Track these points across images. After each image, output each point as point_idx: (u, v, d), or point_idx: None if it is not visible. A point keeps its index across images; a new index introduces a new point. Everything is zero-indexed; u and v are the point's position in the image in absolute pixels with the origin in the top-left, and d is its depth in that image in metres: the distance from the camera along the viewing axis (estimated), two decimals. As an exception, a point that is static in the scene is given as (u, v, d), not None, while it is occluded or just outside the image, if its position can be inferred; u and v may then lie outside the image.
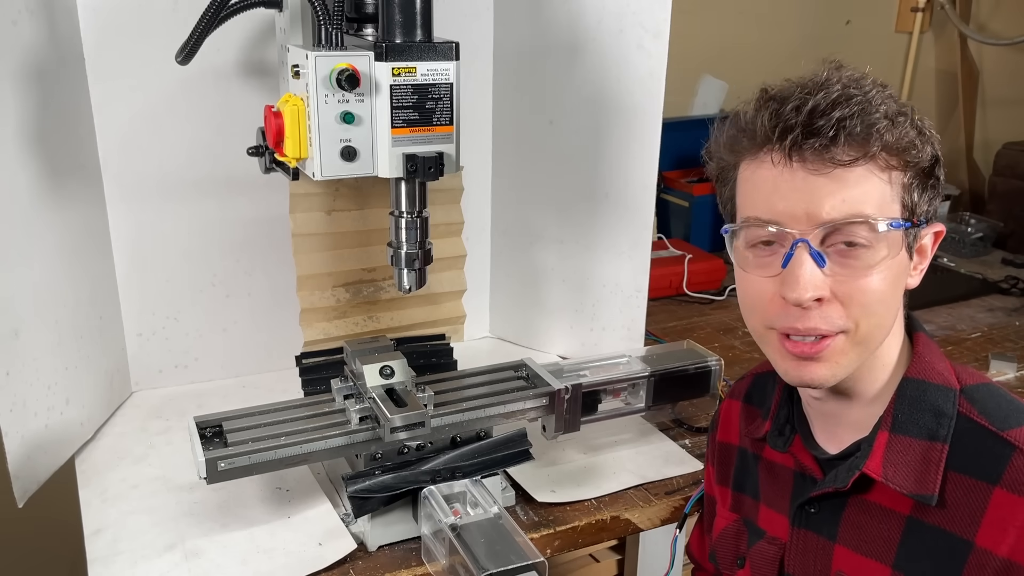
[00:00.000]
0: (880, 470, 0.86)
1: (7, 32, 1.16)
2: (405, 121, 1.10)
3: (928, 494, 0.83)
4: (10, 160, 1.19)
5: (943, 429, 0.85)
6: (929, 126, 0.86)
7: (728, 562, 1.05)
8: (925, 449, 0.85)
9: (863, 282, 0.83)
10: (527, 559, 1.01)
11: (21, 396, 1.22)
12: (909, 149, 0.83)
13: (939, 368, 0.89)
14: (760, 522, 1.01)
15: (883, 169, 0.82)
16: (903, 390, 0.88)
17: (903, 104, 0.85)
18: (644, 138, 1.48)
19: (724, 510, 1.08)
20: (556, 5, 1.49)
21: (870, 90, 0.83)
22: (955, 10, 2.77)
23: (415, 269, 1.21)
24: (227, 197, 1.49)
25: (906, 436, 0.86)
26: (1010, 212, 2.55)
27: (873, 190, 0.82)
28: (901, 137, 0.82)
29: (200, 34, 1.15)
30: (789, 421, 0.99)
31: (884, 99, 0.83)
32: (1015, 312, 2.03)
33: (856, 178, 0.81)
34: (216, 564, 1.12)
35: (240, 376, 1.60)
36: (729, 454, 1.09)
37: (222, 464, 1.09)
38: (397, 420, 1.10)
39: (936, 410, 0.86)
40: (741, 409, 1.08)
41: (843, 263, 0.83)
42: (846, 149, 0.81)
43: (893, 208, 0.83)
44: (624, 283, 1.59)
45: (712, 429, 1.14)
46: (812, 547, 0.93)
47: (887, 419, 0.88)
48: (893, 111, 0.83)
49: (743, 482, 1.05)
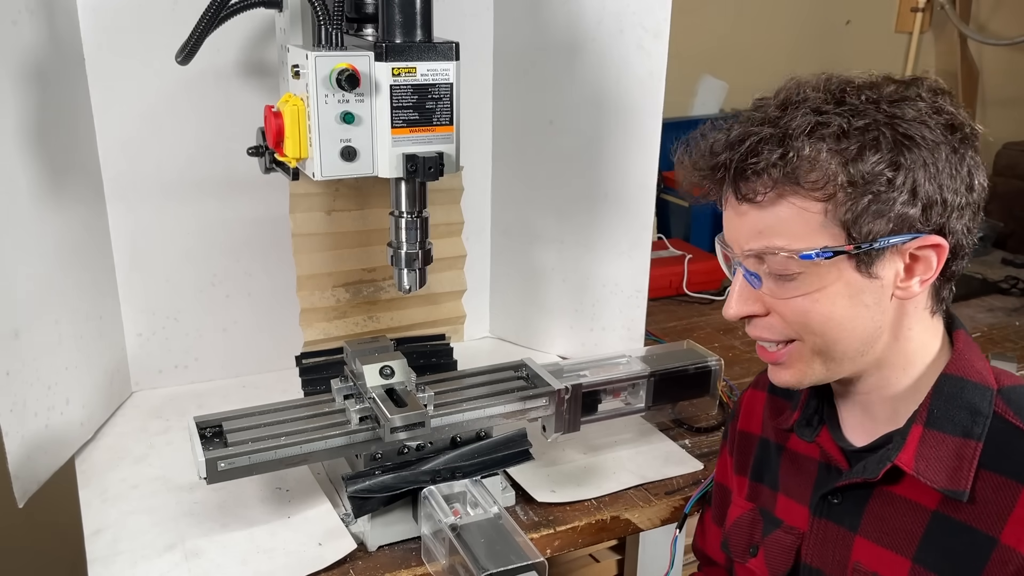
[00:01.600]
0: (912, 463, 0.87)
1: (7, 32, 1.16)
2: (405, 121, 1.10)
3: (960, 490, 0.84)
4: (10, 160, 1.19)
5: (978, 427, 0.86)
6: (900, 129, 0.81)
7: (741, 550, 1.06)
8: (959, 446, 0.86)
9: (796, 304, 0.87)
10: (527, 559, 1.01)
11: (21, 396, 1.22)
12: (829, 180, 0.82)
13: (978, 367, 0.90)
14: (777, 512, 1.02)
15: (805, 200, 0.83)
16: (940, 386, 0.89)
17: (879, 115, 0.82)
18: (644, 138, 1.48)
19: (740, 499, 1.09)
20: (556, 5, 1.49)
21: (794, 118, 0.83)
22: (955, 10, 2.77)
23: (415, 269, 1.21)
24: (227, 197, 1.49)
25: (940, 432, 0.87)
26: (1010, 212, 2.55)
27: (791, 221, 0.84)
28: (814, 168, 0.82)
29: (200, 34, 1.15)
30: (818, 412, 1.00)
31: (811, 122, 0.82)
32: (1015, 312, 2.03)
33: (774, 210, 0.85)
34: (216, 564, 1.12)
35: (240, 376, 1.60)
36: (749, 443, 1.09)
37: (222, 464, 1.09)
38: (397, 420, 1.10)
39: (972, 408, 0.87)
40: (766, 400, 1.09)
41: (778, 284, 0.88)
42: (757, 187, 0.85)
43: (823, 236, 0.83)
44: (624, 283, 1.59)
45: (732, 418, 1.15)
46: (832, 537, 0.94)
47: (922, 413, 0.89)
48: (817, 136, 0.82)
49: (762, 472, 1.06)
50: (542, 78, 1.56)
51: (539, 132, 1.59)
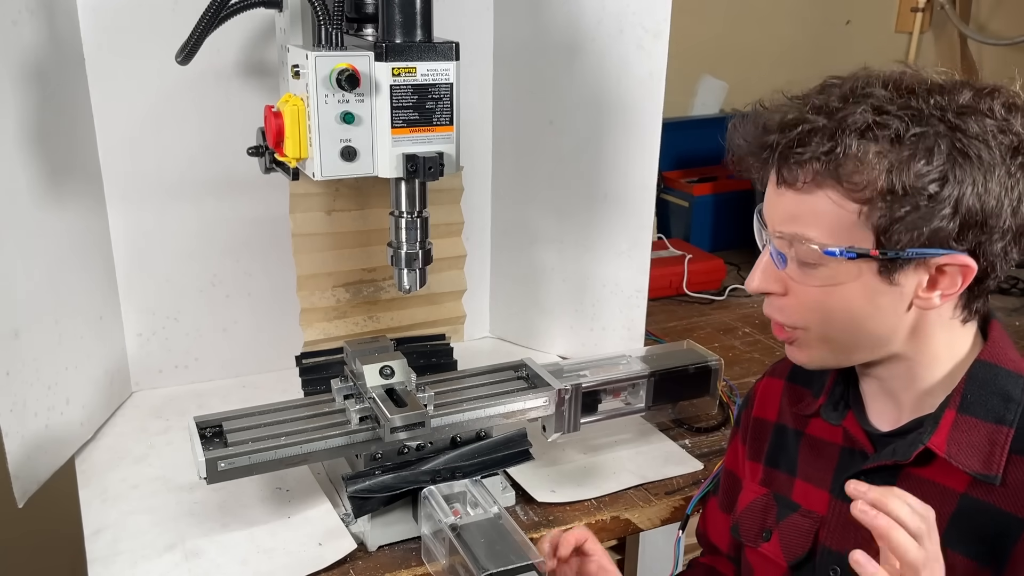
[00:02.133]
0: (944, 447, 0.88)
1: (7, 32, 1.16)
2: (405, 121, 1.10)
3: (993, 474, 0.86)
4: (10, 160, 1.19)
5: (1010, 414, 0.88)
6: (953, 144, 0.80)
7: (753, 535, 1.06)
8: (991, 431, 0.87)
9: (814, 294, 0.88)
10: (527, 559, 1.01)
11: (21, 396, 1.22)
12: (871, 184, 0.80)
13: (1011, 356, 0.92)
14: (795, 496, 1.02)
15: (844, 197, 0.83)
16: (974, 372, 0.90)
17: (928, 119, 0.81)
18: (644, 138, 1.48)
19: (753, 484, 1.09)
20: (556, 5, 1.49)
21: (852, 113, 0.81)
22: (955, 10, 2.77)
23: (415, 269, 1.21)
24: (227, 197, 1.49)
25: (973, 417, 0.88)
26: (1010, 212, 2.55)
27: (825, 214, 0.84)
28: (860, 168, 0.81)
29: (200, 34, 1.15)
30: (843, 398, 1.01)
31: (868, 122, 0.81)
32: (1015, 312, 2.03)
33: (812, 199, 0.85)
34: (216, 564, 1.12)
35: (240, 376, 1.60)
36: (764, 430, 1.10)
37: (222, 464, 1.09)
38: (397, 420, 1.10)
39: (1005, 395, 0.89)
40: (784, 387, 1.09)
41: (802, 270, 0.88)
42: (799, 175, 0.85)
43: (853, 236, 0.83)
44: (624, 283, 1.59)
45: (746, 406, 1.15)
46: (855, 521, 0.94)
47: (955, 398, 0.90)
48: (871, 137, 0.80)
49: (777, 458, 1.07)
50: (542, 78, 1.56)
51: (539, 132, 1.59)
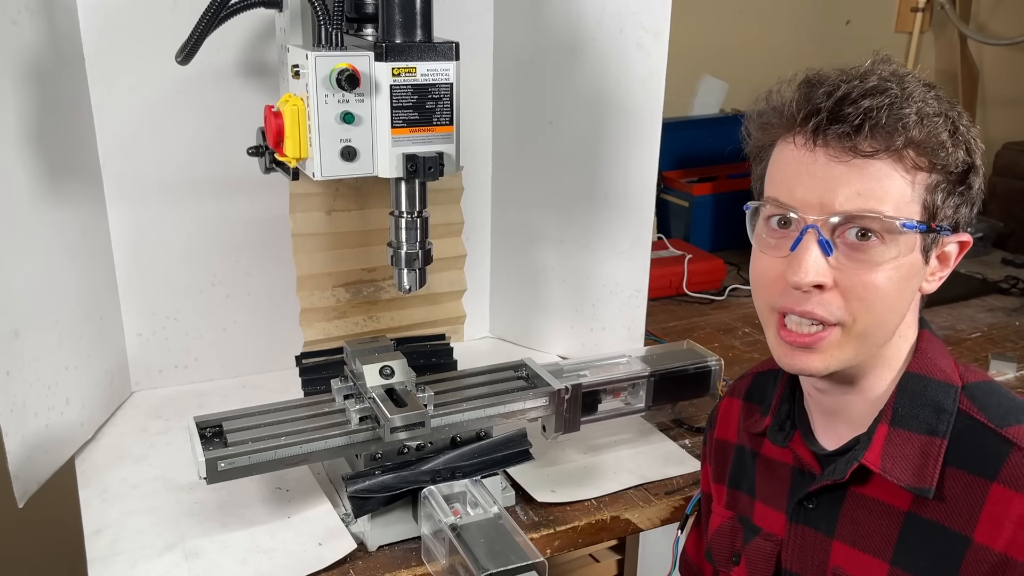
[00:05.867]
0: (878, 462, 0.86)
1: (7, 32, 1.16)
2: (405, 121, 1.10)
3: (926, 487, 0.84)
4: (10, 160, 1.19)
5: (943, 425, 0.86)
6: (974, 135, 0.85)
7: (724, 559, 1.05)
8: (924, 444, 0.86)
9: (867, 277, 0.83)
10: (527, 559, 1.01)
11: (21, 396, 1.22)
12: (937, 150, 0.81)
13: (941, 365, 0.90)
14: (756, 519, 1.01)
15: (907, 168, 0.81)
16: (904, 384, 0.89)
17: (950, 106, 0.84)
18: (644, 138, 1.48)
19: (720, 507, 1.08)
20: (556, 5, 1.49)
21: (910, 87, 0.82)
22: (955, 10, 2.77)
23: (415, 269, 1.21)
24: (227, 197, 1.49)
25: (905, 430, 0.87)
26: (1010, 212, 2.55)
27: (892, 187, 0.81)
28: (930, 137, 0.81)
29: (200, 34, 1.15)
30: (790, 417, 0.99)
31: (925, 98, 0.82)
32: (1015, 312, 2.03)
33: (876, 172, 0.81)
34: (216, 564, 1.12)
35: (240, 376, 1.60)
36: (726, 452, 1.09)
37: (222, 464, 1.09)
38: (397, 420, 1.10)
39: (936, 406, 0.87)
40: (741, 407, 1.08)
41: (851, 255, 0.83)
42: (869, 140, 0.80)
43: (911, 209, 0.82)
44: (624, 283, 1.59)
45: (709, 427, 1.14)
46: (810, 543, 0.93)
47: (887, 412, 0.88)
48: (931, 111, 0.81)
49: (739, 480, 1.06)
50: (542, 78, 1.56)
51: (539, 132, 1.59)
